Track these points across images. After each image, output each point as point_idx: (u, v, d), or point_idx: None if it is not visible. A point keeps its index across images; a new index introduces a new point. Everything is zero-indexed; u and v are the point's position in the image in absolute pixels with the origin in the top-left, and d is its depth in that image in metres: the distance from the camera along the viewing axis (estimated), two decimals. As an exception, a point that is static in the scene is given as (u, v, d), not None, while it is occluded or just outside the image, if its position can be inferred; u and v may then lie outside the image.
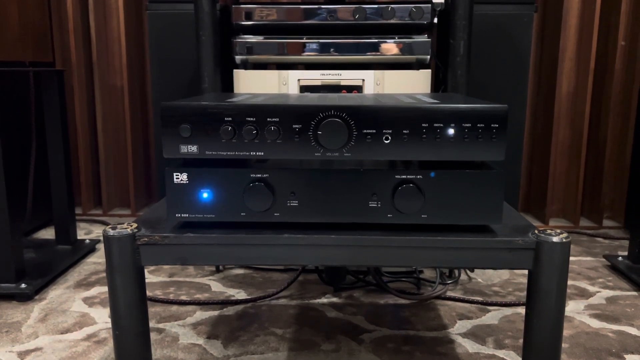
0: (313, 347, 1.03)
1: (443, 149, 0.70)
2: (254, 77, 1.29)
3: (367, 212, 0.72)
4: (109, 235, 0.71)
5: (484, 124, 0.69)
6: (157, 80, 1.64)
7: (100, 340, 1.05)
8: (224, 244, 0.72)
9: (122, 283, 0.73)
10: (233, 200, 0.72)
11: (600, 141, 1.83)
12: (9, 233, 1.21)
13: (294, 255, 0.73)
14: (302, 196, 0.72)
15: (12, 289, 1.22)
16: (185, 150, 0.72)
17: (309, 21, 1.29)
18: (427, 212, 0.72)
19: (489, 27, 1.56)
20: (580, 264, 1.49)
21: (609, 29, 1.77)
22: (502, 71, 1.58)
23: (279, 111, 0.70)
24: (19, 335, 1.06)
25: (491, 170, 0.70)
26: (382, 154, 0.70)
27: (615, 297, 1.27)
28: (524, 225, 0.76)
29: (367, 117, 0.69)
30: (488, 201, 0.71)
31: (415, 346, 1.03)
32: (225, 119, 0.70)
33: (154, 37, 1.62)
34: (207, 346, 1.03)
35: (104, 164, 1.92)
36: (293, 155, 0.71)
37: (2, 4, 1.20)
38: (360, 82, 1.27)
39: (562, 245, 0.70)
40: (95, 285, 1.32)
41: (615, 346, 1.04)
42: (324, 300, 1.24)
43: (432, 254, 0.72)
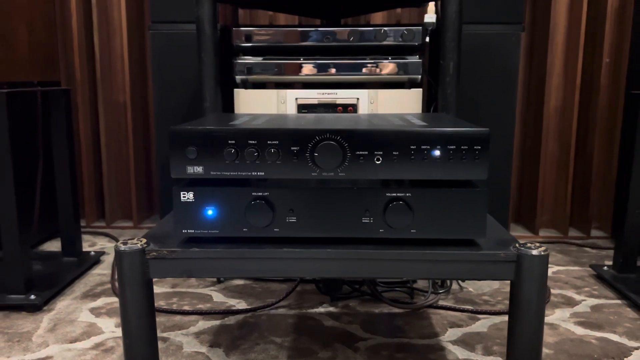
0: (311, 355, 1.07)
1: (430, 168, 0.75)
2: (253, 96, 1.34)
3: (361, 227, 0.77)
4: (121, 250, 0.77)
5: (467, 146, 0.75)
6: (159, 98, 1.70)
7: (108, 348, 1.09)
8: (227, 258, 0.77)
9: (132, 294, 0.78)
10: (236, 216, 0.77)
11: (588, 154, 1.89)
12: (18, 246, 1.26)
13: (293, 268, 0.78)
14: (300, 213, 0.77)
15: (22, 300, 1.27)
16: (192, 170, 0.77)
17: (306, 43, 1.35)
18: (416, 227, 0.77)
19: (479, 46, 1.63)
20: (568, 274, 1.54)
21: (594, 46, 1.84)
22: (492, 87, 1.64)
23: (279, 134, 0.76)
24: (29, 345, 1.11)
25: (475, 189, 0.76)
26: (373, 173, 0.76)
27: (600, 306, 1.32)
28: (506, 239, 0.81)
29: (359, 139, 0.75)
30: (473, 217, 0.77)
31: (408, 353, 1.08)
32: (228, 142, 0.76)
33: (156, 56, 1.68)
34: (210, 354, 1.07)
35: (107, 177, 1.98)
36: (291, 175, 0.76)
37: (13, 27, 1.25)
38: (355, 100, 1.33)
39: (541, 257, 0.75)
40: (101, 296, 1.36)
41: (597, 352, 1.09)
42: (321, 310, 1.28)
43: (421, 267, 0.77)
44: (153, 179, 2.10)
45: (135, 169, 1.95)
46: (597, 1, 1.81)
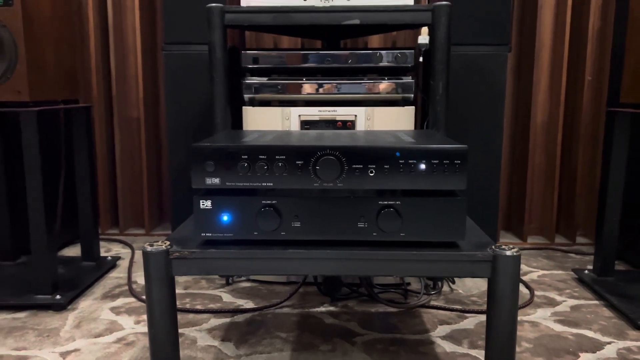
0: (312, 348, 1.18)
1: (416, 180, 0.86)
2: (260, 114, 1.46)
3: (356, 231, 0.88)
4: (148, 251, 0.87)
5: (448, 161, 0.86)
6: (172, 114, 1.81)
7: (129, 342, 1.20)
8: (240, 258, 0.88)
9: (157, 290, 0.89)
10: (248, 222, 0.88)
11: (572, 166, 1.99)
12: (46, 251, 1.37)
13: (297, 267, 0.89)
14: (304, 218, 0.88)
15: (49, 300, 1.37)
16: (210, 182, 0.88)
17: (308, 64, 1.47)
18: (405, 231, 0.88)
19: (469, 65, 1.74)
20: (552, 277, 1.65)
21: (577, 65, 1.95)
22: (481, 104, 1.75)
23: (285, 150, 0.87)
24: (58, 339, 1.21)
25: (455, 197, 0.87)
26: (367, 184, 0.87)
27: (579, 306, 1.42)
28: (484, 242, 0.91)
29: (355, 155, 0.86)
30: (454, 222, 0.87)
31: (401, 347, 1.18)
32: (242, 157, 0.87)
33: (169, 75, 1.80)
34: (222, 347, 1.18)
35: (121, 188, 2.08)
36: (296, 185, 0.87)
37: (43, 52, 1.37)
38: (353, 117, 1.44)
39: (514, 258, 0.86)
40: (119, 297, 1.47)
41: (572, 346, 1.19)
42: (322, 309, 1.39)
43: (409, 266, 0.88)
44: (163, 189, 2.21)
45: (147, 180, 2.06)
46: (579, 23, 1.93)
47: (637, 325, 1.27)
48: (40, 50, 1.35)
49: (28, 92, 1.30)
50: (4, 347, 1.17)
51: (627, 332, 1.26)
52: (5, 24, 1.27)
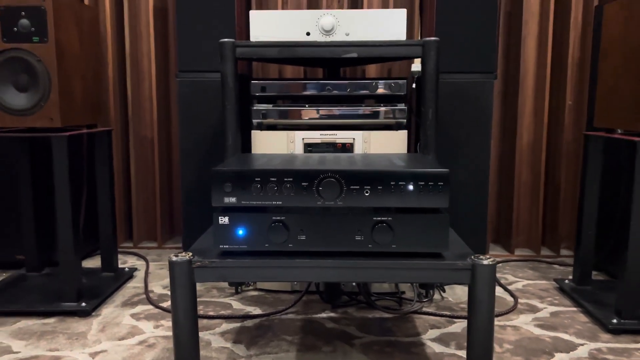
0: (315, 349, 1.30)
1: (405, 199, 0.99)
2: (267, 137, 1.59)
3: (354, 243, 1.01)
4: (173, 261, 1.00)
5: (432, 182, 0.99)
6: (184, 136, 1.94)
7: (150, 344, 1.32)
8: (253, 267, 1.01)
9: (181, 295, 1.01)
10: (260, 235, 1.01)
11: (556, 183, 2.12)
12: (73, 263, 1.49)
13: (303, 274, 1.01)
14: (309, 232, 1.01)
15: (75, 307, 1.49)
16: (227, 200, 1.01)
17: (311, 92, 1.60)
18: (396, 243, 1.00)
19: (458, 91, 1.88)
20: (535, 286, 1.77)
21: (559, 91, 2.09)
22: (469, 127, 1.89)
23: (292, 174, 1.00)
24: (86, 342, 1.33)
25: (439, 214, 1.00)
26: (363, 202, 1.00)
27: (558, 312, 1.54)
28: (465, 253, 1.04)
29: (352, 177, 0.99)
30: (438, 235, 1.00)
31: (395, 348, 1.30)
32: (255, 179, 1.00)
33: (182, 100, 1.93)
34: (234, 349, 1.30)
35: (135, 203, 2.21)
36: (302, 203, 1.00)
37: (72, 81, 1.50)
38: (352, 140, 1.57)
39: (490, 266, 0.98)
40: (138, 304, 1.59)
41: (549, 347, 1.31)
42: (324, 315, 1.51)
43: (399, 273, 1.00)
44: (174, 205, 2.33)
45: (160, 196, 2.19)
46: (560, 53, 2.07)
47: (609, 328, 1.39)
48: (69, 81, 1.49)
49: (59, 119, 1.44)
50: (39, 348, 1.29)
51: (600, 335, 1.38)
52: (40, 58, 1.41)
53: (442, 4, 1.83)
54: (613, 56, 1.50)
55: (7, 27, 1.40)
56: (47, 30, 1.40)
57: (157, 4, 2.13)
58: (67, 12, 1.48)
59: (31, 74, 1.42)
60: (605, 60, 1.55)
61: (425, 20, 1.99)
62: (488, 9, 1.83)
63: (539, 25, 2.09)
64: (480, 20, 1.83)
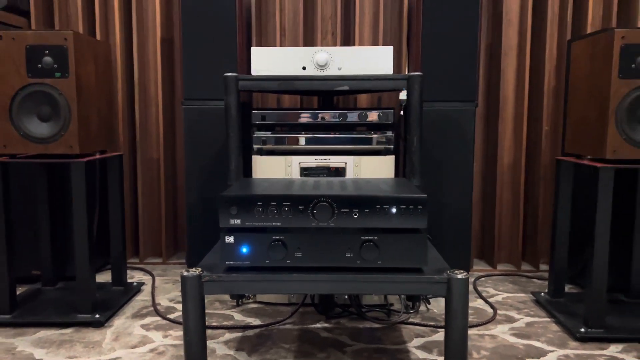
0: (311, 356, 1.41)
1: (389, 220, 1.12)
2: (267, 161, 1.72)
3: (344, 259, 1.14)
4: (185, 275, 1.12)
5: (413, 206, 1.12)
6: (189, 159, 2.07)
7: (161, 352, 1.43)
8: (256, 281, 1.13)
9: (192, 306, 1.13)
10: (261, 253, 1.14)
11: (535, 203, 2.26)
12: (88, 277, 1.61)
13: (299, 287, 1.14)
14: (305, 250, 1.13)
15: (89, 318, 1.61)
16: (233, 222, 1.14)
17: (307, 120, 1.74)
18: (381, 259, 1.13)
19: (442, 118, 2.02)
20: (514, 299, 1.89)
21: (536, 116, 2.24)
22: (453, 151, 2.02)
23: (290, 198, 1.13)
24: (102, 349, 1.45)
25: (419, 234, 1.13)
26: (352, 224, 1.13)
27: (533, 322, 1.67)
28: (442, 268, 1.17)
29: (343, 202, 1.12)
30: (418, 253, 1.13)
31: (383, 354, 1.42)
32: (257, 203, 1.13)
33: (187, 126, 2.06)
34: (237, 355, 1.41)
35: (142, 221, 2.33)
36: (298, 224, 1.13)
37: (89, 112, 1.63)
38: (344, 164, 1.71)
39: (463, 280, 1.11)
40: (147, 316, 1.71)
41: (521, 354, 1.43)
42: (319, 325, 1.63)
43: (384, 286, 1.13)
44: (178, 223, 2.45)
45: (165, 214, 2.31)
46: (537, 81, 2.22)
47: (577, 337, 1.51)
48: (87, 112, 1.62)
49: (78, 146, 1.56)
50: (59, 356, 1.41)
51: (569, 342, 1.51)
52: (62, 92, 1.54)
53: (427, 39, 1.98)
54: (580, 89, 1.65)
55: (32, 63, 1.54)
56: (68, 66, 1.54)
57: (164, 34, 2.27)
58: (85, 49, 1.62)
59: (53, 105, 1.55)
60: (574, 92, 1.70)
61: (412, 53, 2.13)
62: (469, 43, 1.98)
63: (517, 58, 2.24)
64: (462, 53, 1.98)
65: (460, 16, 1.97)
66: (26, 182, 1.97)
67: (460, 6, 1.96)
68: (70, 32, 1.53)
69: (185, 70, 2.02)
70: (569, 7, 2.16)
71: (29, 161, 1.59)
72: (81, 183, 1.57)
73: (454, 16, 1.97)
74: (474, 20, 1.97)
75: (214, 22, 2.00)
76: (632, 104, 1.46)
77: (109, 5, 2.29)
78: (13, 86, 1.54)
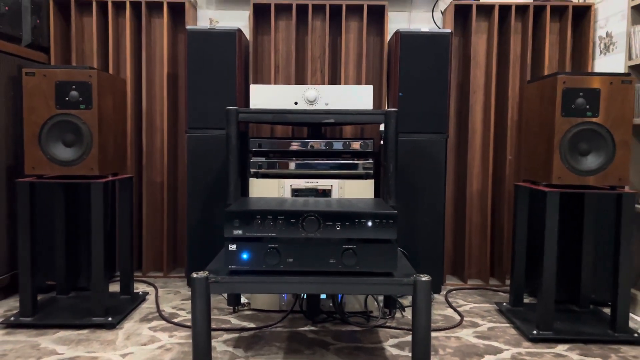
0: (299, 352, 1.60)
1: (366, 232, 1.33)
2: (262, 183, 1.93)
3: (328, 265, 1.34)
4: (194, 277, 1.32)
5: (385, 220, 1.33)
6: (192, 181, 2.27)
7: (168, 348, 1.62)
8: (254, 282, 1.33)
9: (200, 304, 1.33)
10: (259, 259, 1.34)
11: (501, 224, 2.48)
12: (103, 284, 1.79)
13: (291, 288, 1.34)
14: (295, 257, 1.34)
15: (103, 321, 1.79)
16: (235, 232, 1.34)
17: (298, 148, 1.96)
18: (359, 265, 1.34)
19: (417, 148, 2.25)
20: (480, 309, 2.10)
21: (502, 147, 2.48)
22: (426, 177, 2.25)
23: (283, 213, 1.34)
24: (116, 346, 1.62)
25: (390, 243, 1.34)
26: (336, 235, 1.33)
27: (494, 327, 1.87)
28: (409, 272, 1.38)
29: (328, 216, 1.33)
30: (389, 259, 1.34)
31: (361, 351, 1.62)
32: (256, 217, 1.34)
33: (190, 152, 2.27)
34: (235, 352, 1.60)
35: (145, 238, 2.52)
36: (290, 235, 1.34)
37: (107, 138, 1.84)
38: (330, 187, 1.92)
39: (427, 282, 1.32)
40: (153, 320, 1.89)
41: (481, 351, 1.63)
42: (306, 328, 1.82)
43: (361, 287, 1.33)
44: (178, 240, 2.64)
45: (166, 232, 2.50)
46: (501, 115, 2.47)
47: (529, 338, 1.72)
48: (106, 138, 1.83)
49: (98, 168, 1.77)
50: (79, 351, 1.59)
51: (523, 343, 1.71)
52: (85, 121, 1.75)
53: (404, 78, 2.22)
54: (532, 125, 1.89)
55: (60, 96, 1.75)
56: (92, 99, 1.75)
57: (170, 70, 2.49)
58: (106, 85, 1.84)
59: (77, 133, 1.76)
60: (527, 127, 1.94)
61: (391, 90, 2.38)
62: (441, 81, 2.22)
63: (484, 95, 2.50)
64: (435, 91, 2.22)
65: (433, 59, 2.22)
66: (43, 200, 2.16)
67: (433, 50, 2.21)
68: (94, 70, 1.75)
69: (190, 102, 2.24)
70: (528, 52, 2.43)
71: (54, 181, 1.79)
72: (99, 201, 1.77)
73: (428, 58, 2.22)
74: (445, 62, 2.22)
75: (216, 60, 2.23)
76: (573, 138, 1.70)
77: (121, 43, 2.51)
78: (42, 116, 1.75)
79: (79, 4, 2.47)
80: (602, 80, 1.70)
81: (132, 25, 2.46)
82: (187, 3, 2.43)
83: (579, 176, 1.70)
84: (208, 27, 2.26)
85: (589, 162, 1.71)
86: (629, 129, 1.70)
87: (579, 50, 2.45)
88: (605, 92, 1.69)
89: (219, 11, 2.62)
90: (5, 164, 2.08)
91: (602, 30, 2.36)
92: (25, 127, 1.75)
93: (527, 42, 2.43)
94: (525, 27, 2.45)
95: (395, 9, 2.60)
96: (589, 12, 2.39)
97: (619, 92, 1.70)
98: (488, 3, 2.41)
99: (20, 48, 2.19)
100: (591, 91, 1.69)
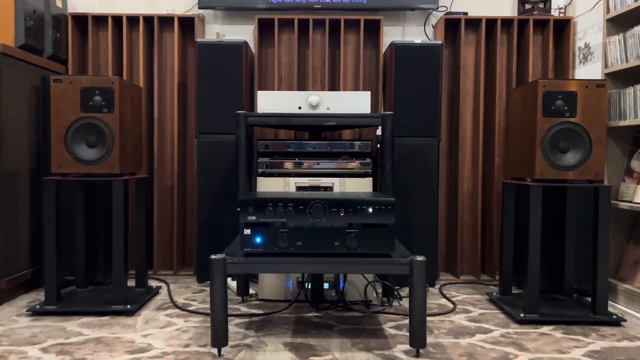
0: (305, 332, 1.73)
1: (367, 217, 1.47)
2: (268, 182, 2.07)
3: (334, 247, 1.48)
4: (213, 258, 1.46)
5: (384, 207, 1.47)
6: (201, 184, 2.41)
7: (185, 330, 1.74)
8: (267, 263, 1.47)
9: (217, 282, 1.46)
10: (271, 242, 1.48)
11: (490, 223, 2.63)
12: (123, 275, 1.92)
13: (299, 268, 1.47)
14: (304, 240, 1.48)
15: (122, 309, 1.91)
16: (250, 218, 1.48)
17: (302, 150, 2.10)
18: (361, 246, 1.48)
19: (411, 151, 2.40)
20: (472, 299, 2.23)
21: (490, 150, 2.63)
22: (420, 178, 2.39)
23: (293, 200, 1.48)
24: (137, 329, 1.75)
25: (388, 227, 1.48)
26: (340, 220, 1.48)
27: (485, 313, 2.00)
28: (406, 254, 1.52)
29: (333, 203, 1.47)
30: (388, 242, 1.48)
31: (362, 331, 1.74)
32: (268, 204, 1.48)
33: (200, 156, 2.41)
34: (247, 332, 1.73)
35: (156, 238, 2.64)
36: (299, 220, 1.48)
37: (127, 139, 1.98)
38: (332, 184, 2.06)
39: (422, 261, 1.46)
40: (167, 309, 2.01)
41: (472, 331, 1.77)
42: (311, 314, 1.94)
43: (363, 267, 1.47)
44: (187, 241, 2.77)
45: (176, 233, 2.63)
46: (490, 120, 2.62)
47: (517, 320, 1.85)
48: (125, 140, 1.97)
49: (119, 167, 1.90)
50: (103, 333, 1.71)
51: (510, 324, 1.84)
52: (107, 124, 1.89)
53: (399, 86, 2.38)
54: (517, 126, 2.05)
55: (84, 101, 1.89)
56: (114, 104, 1.89)
57: (180, 80, 2.65)
58: (126, 91, 1.98)
59: (99, 135, 1.90)
60: (512, 128, 2.10)
61: (387, 96, 2.53)
62: (433, 89, 2.38)
63: (473, 101, 2.66)
64: (427, 97, 2.38)
65: (425, 68, 2.38)
66: (64, 201, 2.29)
67: (425, 60, 2.38)
68: (116, 77, 1.90)
69: (200, 109, 2.39)
70: (514, 62, 2.60)
71: (79, 179, 1.92)
72: (121, 197, 1.91)
73: (421, 68, 2.38)
74: (436, 71, 2.38)
75: (224, 70, 2.38)
76: (553, 137, 1.85)
77: (134, 55, 2.67)
78: (69, 119, 1.89)
79: (95, 19, 2.62)
80: (578, 84, 1.86)
81: (145, 38, 2.62)
82: (196, 18, 2.59)
83: (559, 171, 1.86)
84: (216, 40, 2.42)
85: (568, 158, 1.86)
86: (603, 129, 1.86)
87: (560, 61, 2.63)
88: (582, 95, 1.85)
89: (226, 26, 2.79)
90: (28, 166, 2.21)
91: (581, 41, 2.53)
92: (52, 129, 1.89)
93: (512, 53, 2.60)
94: (511, 39, 2.62)
95: (390, 23, 2.77)
96: (569, 25, 2.57)
97: (594, 95, 1.86)
98: (476, 17, 2.58)
99: (42, 59, 2.34)
100: (569, 94, 1.85)
